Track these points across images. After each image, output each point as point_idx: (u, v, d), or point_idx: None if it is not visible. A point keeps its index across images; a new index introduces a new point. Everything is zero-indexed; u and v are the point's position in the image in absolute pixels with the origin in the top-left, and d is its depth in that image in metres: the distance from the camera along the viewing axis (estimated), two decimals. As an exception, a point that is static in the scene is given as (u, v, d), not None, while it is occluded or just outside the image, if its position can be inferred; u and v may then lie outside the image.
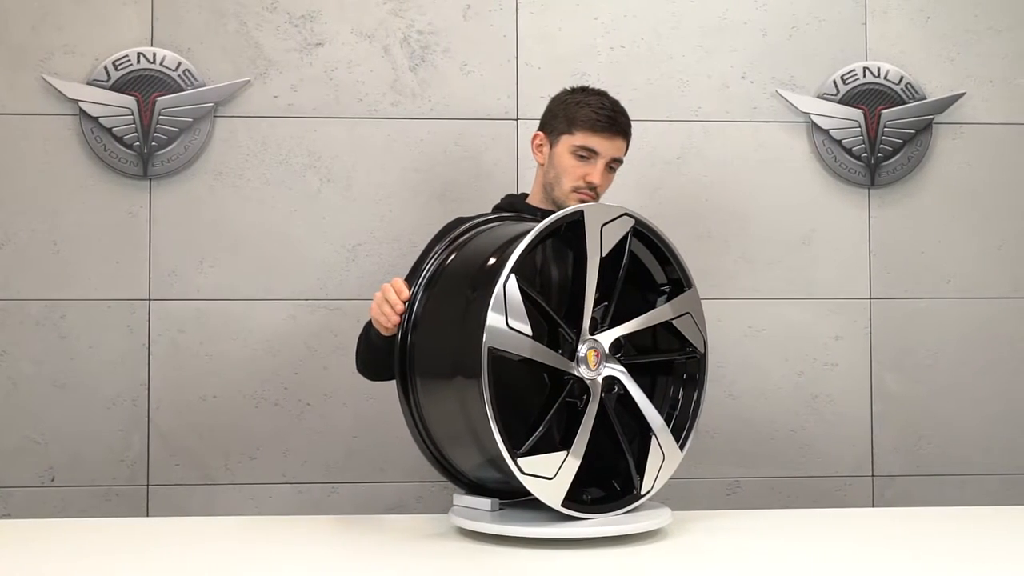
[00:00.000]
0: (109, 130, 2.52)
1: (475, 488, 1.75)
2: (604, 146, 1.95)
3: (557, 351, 1.59)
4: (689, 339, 1.74)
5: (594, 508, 1.61)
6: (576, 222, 1.61)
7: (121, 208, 2.55)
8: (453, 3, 2.62)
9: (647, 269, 1.76)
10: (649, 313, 1.68)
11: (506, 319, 1.50)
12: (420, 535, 1.69)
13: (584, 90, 2.02)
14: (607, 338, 1.63)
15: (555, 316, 1.60)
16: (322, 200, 2.58)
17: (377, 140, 2.60)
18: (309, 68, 2.59)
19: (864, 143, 2.65)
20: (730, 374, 2.64)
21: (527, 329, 1.53)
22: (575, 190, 1.95)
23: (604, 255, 1.60)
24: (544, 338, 1.61)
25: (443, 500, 2.44)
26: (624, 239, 1.65)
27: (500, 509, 1.69)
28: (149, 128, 2.53)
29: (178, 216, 2.55)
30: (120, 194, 2.54)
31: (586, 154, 1.95)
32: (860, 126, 2.65)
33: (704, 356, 1.76)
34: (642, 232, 1.70)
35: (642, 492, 1.66)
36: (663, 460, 1.68)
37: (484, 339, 1.48)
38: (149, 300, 2.54)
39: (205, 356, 2.55)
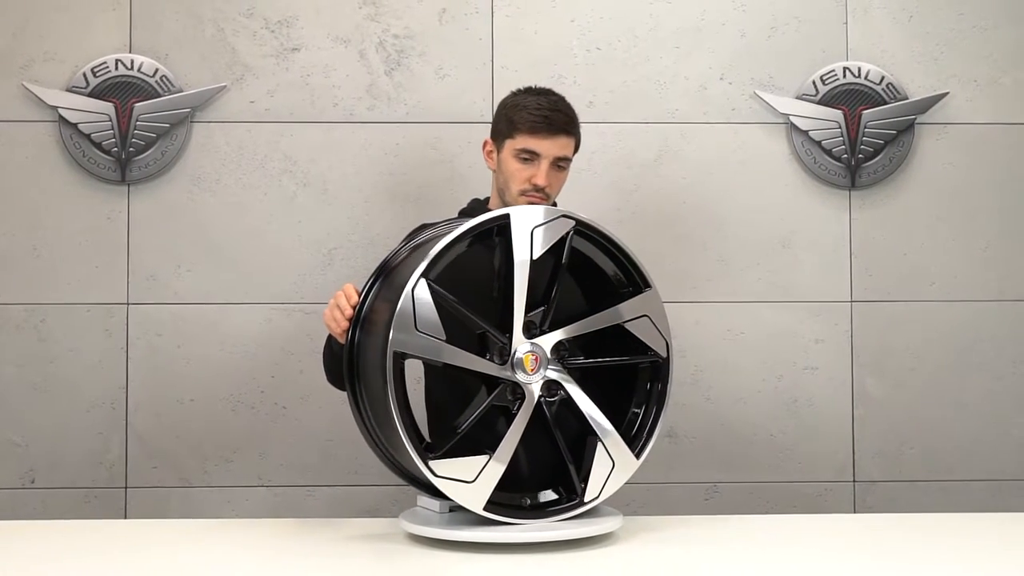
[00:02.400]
0: (88, 136, 2.55)
1: (435, 489, 1.74)
2: (544, 146, 1.93)
3: (486, 355, 1.59)
4: (647, 343, 1.68)
5: (527, 513, 1.59)
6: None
7: (100, 213, 2.57)
8: (428, 7, 2.62)
9: (611, 272, 1.73)
10: (594, 316, 1.64)
11: (415, 322, 1.52)
12: (373, 538, 1.69)
13: (527, 91, 2.00)
14: (548, 341, 1.60)
15: (478, 320, 1.60)
16: (298, 204, 2.59)
17: (353, 144, 2.60)
18: (285, 73, 2.60)
19: (844, 144, 2.62)
20: (708, 378, 2.61)
21: (439, 333, 1.54)
22: (523, 193, 1.94)
23: (536, 258, 1.59)
24: (475, 342, 1.61)
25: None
26: (564, 241, 1.63)
27: (451, 511, 1.69)
28: (127, 134, 2.55)
29: (156, 221, 2.58)
30: (99, 199, 2.57)
31: (528, 156, 1.94)
32: (840, 127, 2.62)
33: (667, 360, 1.70)
34: (600, 236, 1.68)
35: (586, 500, 1.61)
36: (612, 467, 1.63)
37: (389, 343, 1.52)
38: (127, 304, 2.57)
39: (182, 359, 2.57)
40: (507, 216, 1.58)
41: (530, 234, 1.59)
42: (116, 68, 2.56)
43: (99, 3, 2.58)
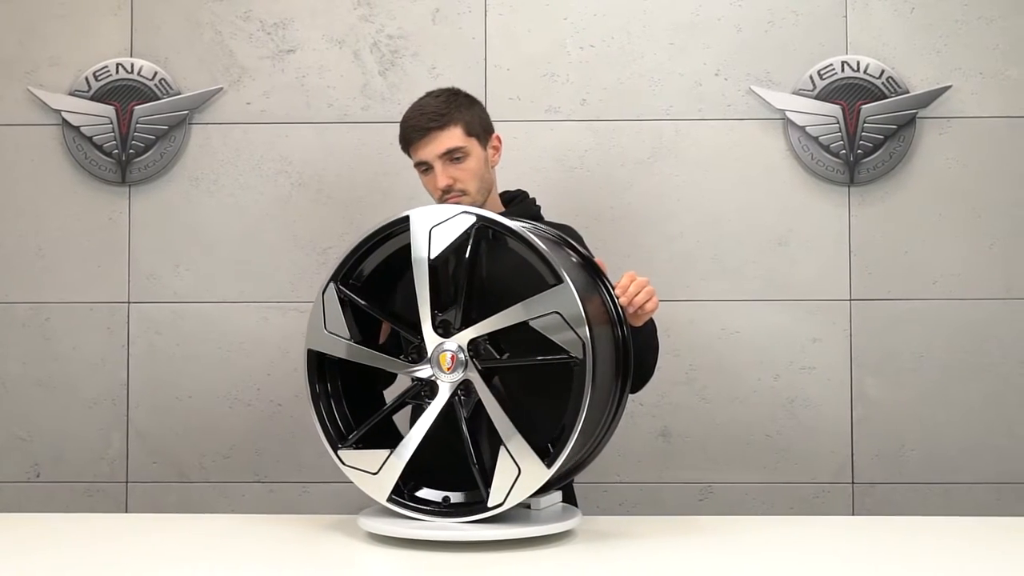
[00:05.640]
0: (90, 139, 2.61)
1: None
2: (426, 151, 1.91)
3: (399, 355, 1.65)
4: (556, 341, 1.54)
5: (433, 511, 1.60)
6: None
7: (102, 214, 2.63)
8: (422, 7, 2.63)
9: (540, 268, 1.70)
10: (499, 314, 1.57)
11: (324, 323, 1.66)
12: (333, 533, 1.71)
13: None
14: (461, 340, 1.59)
15: (388, 320, 1.65)
16: (293, 204, 2.63)
17: (347, 144, 2.63)
18: (281, 75, 2.64)
19: (843, 140, 2.57)
20: (702, 377, 2.59)
21: (344, 332, 1.65)
22: (441, 200, 1.92)
23: (434, 256, 1.60)
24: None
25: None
26: (470, 237, 1.61)
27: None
28: (127, 136, 2.61)
29: (155, 221, 2.63)
30: (100, 200, 2.63)
31: (424, 167, 1.94)
32: (838, 122, 2.57)
33: (584, 361, 1.53)
34: (506, 230, 1.62)
35: (489, 505, 1.55)
36: (518, 474, 1.54)
37: (305, 341, 1.69)
38: (128, 303, 2.62)
39: (181, 357, 2.62)
40: (407, 218, 1.62)
41: (428, 233, 1.59)
42: (117, 72, 2.62)
43: (101, 9, 2.64)
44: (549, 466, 1.51)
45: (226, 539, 1.70)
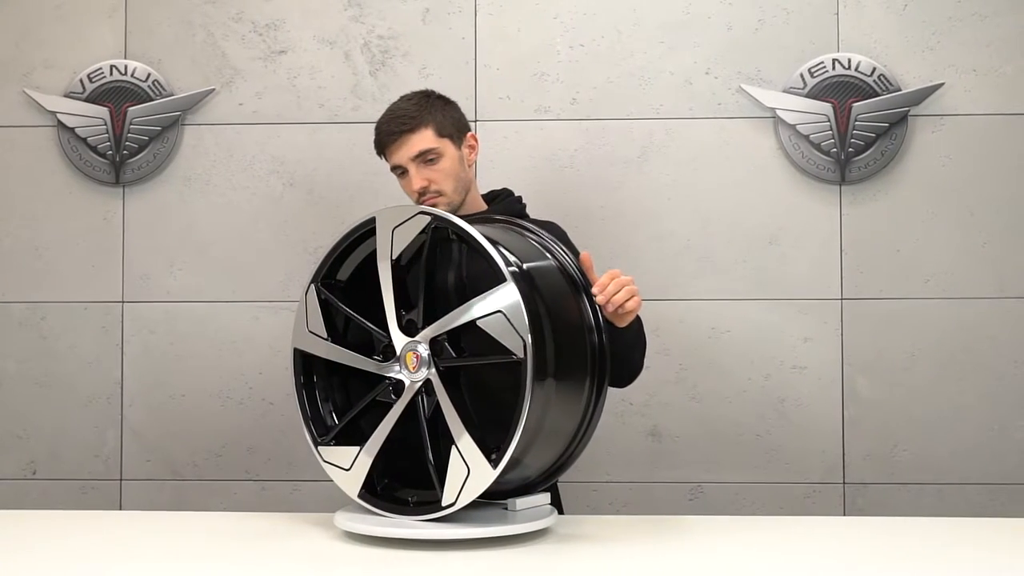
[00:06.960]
0: (84, 140, 2.64)
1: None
2: (399, 156, 1.92)
3: (372, 354, 1.67)
4: (502, 341, 1.52)
5: (399, 509, 1.61)
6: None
7: (96, 214, 2.66)
8: (412, 7, 2.64)
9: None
10: (450, 313, 1.57)
11: (306, 323, 1.68)
12: (312, 529, 1.72)
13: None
14: (424, 339, 1.59)
15: (361, 320, 1.66)
16: (285, 204, 2.64)
17: (338, 144, 2.64)
18: (273, 75, 2.65)
19: (834, 138, 2.55)
20: (693, 376, 2.58)
21: (322, 332, 1.68)
22: (418, 202, 1.94)
23: (396, 256, 1.61)
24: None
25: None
26: (429, 238, 1.61)
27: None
28: (121, 137, 2.63)
29: (149, 221, 2.65)
30: (95, 201, 2.66)
31: (399, 170, 1.95)
32: (829, 120, 2.55)
33: (524, 361, 1.50)
34: (457, 228, 1.60)
35: (443, 504, 1.56)
36: (468, 474, 1.54)
37: (292, 340, 1.71)
38: (122, 302, 2.65)
39: (174, 356, 2.64)
40: (374, 219, 1.64)
41: (391, 233, 1.60)
42: (111, 74, 2.64)
43: (96, 12, 2.67)
44: (495, 466, 1.50)
45: (212, 536, 1.70)
